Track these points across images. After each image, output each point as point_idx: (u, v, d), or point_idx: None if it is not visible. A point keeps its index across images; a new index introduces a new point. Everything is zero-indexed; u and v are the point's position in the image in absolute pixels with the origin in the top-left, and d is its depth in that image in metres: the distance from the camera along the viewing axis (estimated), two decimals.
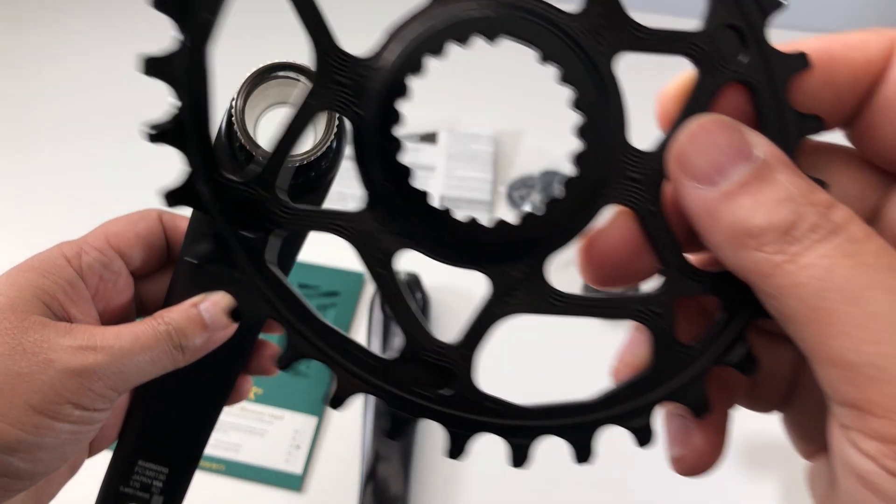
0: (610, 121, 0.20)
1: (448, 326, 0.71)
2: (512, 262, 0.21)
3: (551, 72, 0.21)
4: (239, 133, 0.24)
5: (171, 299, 0.35)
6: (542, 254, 0.21)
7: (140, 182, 0.43)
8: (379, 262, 0.21)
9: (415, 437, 0.67)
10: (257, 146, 0.24)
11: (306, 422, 0.69)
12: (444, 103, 0.82)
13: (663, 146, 0.21)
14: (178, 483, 0.37)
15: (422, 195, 0.20)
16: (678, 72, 0.22)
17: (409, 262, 0.23)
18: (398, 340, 0.69)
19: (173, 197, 0.21)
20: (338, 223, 0.21)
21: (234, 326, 0.30)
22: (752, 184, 0.19)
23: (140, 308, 0.38)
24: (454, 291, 0.73)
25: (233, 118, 0.22)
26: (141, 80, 0.21)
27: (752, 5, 0.20)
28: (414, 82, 0.20)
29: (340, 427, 0.70)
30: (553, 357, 0.70)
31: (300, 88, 0.24)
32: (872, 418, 0.17)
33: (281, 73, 0.23)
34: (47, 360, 0.30)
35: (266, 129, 0.25)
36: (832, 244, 0.18)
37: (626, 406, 0.21)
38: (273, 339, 0.39)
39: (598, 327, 0.54)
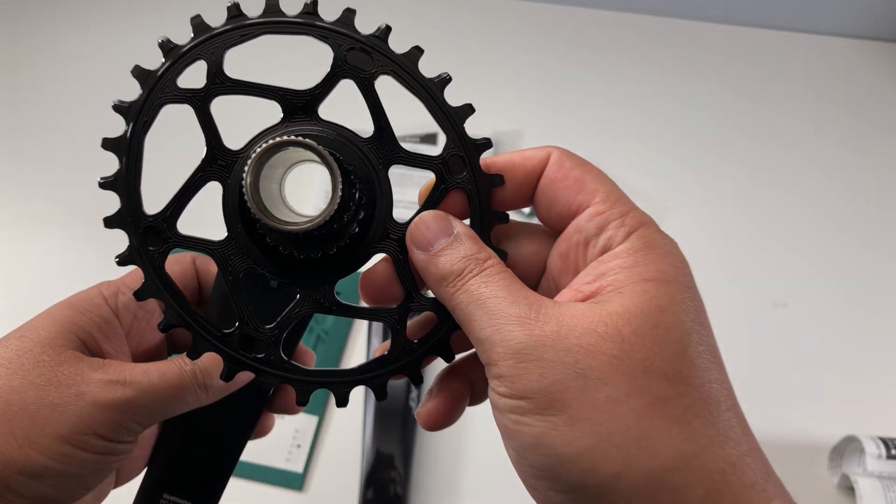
0: (382, 203, 0.32)
1: None
2: (315, 280, 0.32)
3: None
4: (249, 201, 0.30)
5: None
6: (333, 277, 0.33)
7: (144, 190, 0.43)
8: (232, 273, 0.32)
9: (415, 437, 0.68)
10: (265, 210, 0.29)
11: (307, 421, 0.70)
12: None
13: (410, 221, 0.32)
14: None
15: (263, 236, 0.31)
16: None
17: None
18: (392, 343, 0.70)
19: (109, 222, 0.31)
20: (208, 247, 0.32)
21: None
22: (446, 249, 0.30)
23: (171, 347, 0.40)
24: None
25: (244, 190, 0.29)
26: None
27: (471, 144, 0.32)
28: None
29: (341, 426, 0.70)
30: None
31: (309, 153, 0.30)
32: (492, 367, 0.28)
33: (290, 147, 0.29)
34: (79, 393, 0.32)
35: (292, 183, 0.34)
36: (478, 278, 0.30)
37: (371, 374, 0.33)
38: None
39: None
